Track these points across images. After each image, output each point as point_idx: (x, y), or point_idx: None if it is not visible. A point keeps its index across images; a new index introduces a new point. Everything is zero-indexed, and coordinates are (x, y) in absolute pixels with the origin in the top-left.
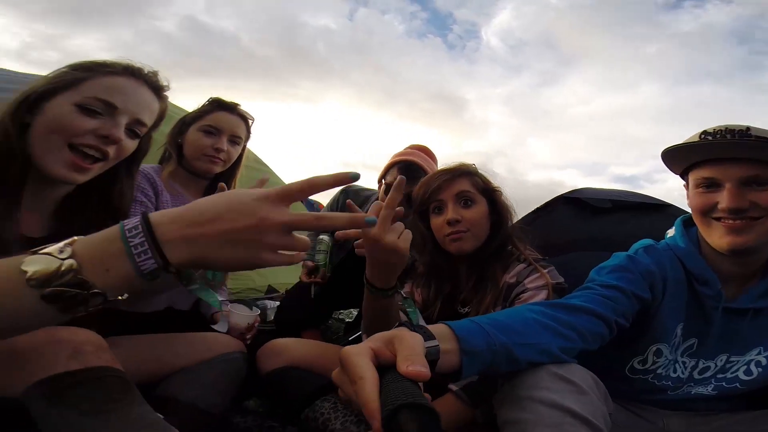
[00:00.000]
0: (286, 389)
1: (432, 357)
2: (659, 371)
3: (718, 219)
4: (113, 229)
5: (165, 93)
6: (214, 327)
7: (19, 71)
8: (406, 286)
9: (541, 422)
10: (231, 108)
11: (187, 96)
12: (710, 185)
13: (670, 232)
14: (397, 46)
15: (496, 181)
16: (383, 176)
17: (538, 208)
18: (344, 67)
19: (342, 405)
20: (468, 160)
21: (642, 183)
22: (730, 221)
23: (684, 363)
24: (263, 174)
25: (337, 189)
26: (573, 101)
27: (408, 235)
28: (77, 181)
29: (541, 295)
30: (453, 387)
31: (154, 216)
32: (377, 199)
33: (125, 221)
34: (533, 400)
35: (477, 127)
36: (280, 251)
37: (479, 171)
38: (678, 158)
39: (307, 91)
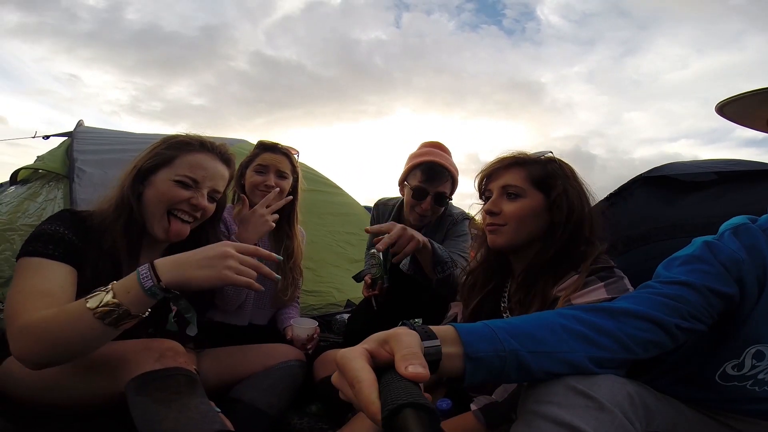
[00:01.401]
0: (334, 395)
1: (432, 357)
2: (761, 376)
3: None
4: (135, 271)
5: (232, 161)
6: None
7: (132, 131)
8: (453, 307)
9: None
10: (273, 147)
11: (273, 129)
12: None
13: None
14: (453, 42)
15: (595, 165)
16: (405, 179)
17: (611, 194)
18: (405, 75)
19: None
20: (558, 146)
21: None
22: None
23: None
24: (338, 197)
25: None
26: (666, 67)
27: None
28: (171, 241)
29: None
30: (473, 407)
31: (158, 260)
32: (402, 205)
33: (143, 268)
34: (537, 415)
35: (561, 110)
36: (239, 275)
37: (553, 159)
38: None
39: (376, 106)
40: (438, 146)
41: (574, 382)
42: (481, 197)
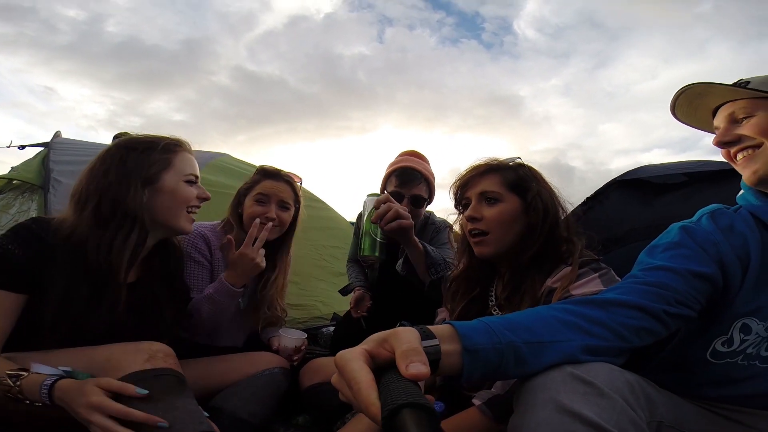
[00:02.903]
0: (320, 403)
1: (432, 357)
2: (749, 351)
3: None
4: (42, 377)
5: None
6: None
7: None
8: (440, 313)
9: (540, 428)
10: (275, 175)
11: (255, 145)
12: None
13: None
14: (434, 57)
15: (574, 177)
16: (384, 187)
17: (588, 198)
18: (388, 90)
19: None
20: (538, 159)
21: None
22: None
23: None
24: (322, 211)
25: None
26: (637, 78)
27: None
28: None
29: None
30: (476, 401)
31: (60, 382)
32: None
33: (47, 381)
34: (536, 404)
35: (539, 124)
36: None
37: (523, 164)
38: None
39: (359, 122)
40: (413, 153)
41: (573, 369)
42: (457, 207)
